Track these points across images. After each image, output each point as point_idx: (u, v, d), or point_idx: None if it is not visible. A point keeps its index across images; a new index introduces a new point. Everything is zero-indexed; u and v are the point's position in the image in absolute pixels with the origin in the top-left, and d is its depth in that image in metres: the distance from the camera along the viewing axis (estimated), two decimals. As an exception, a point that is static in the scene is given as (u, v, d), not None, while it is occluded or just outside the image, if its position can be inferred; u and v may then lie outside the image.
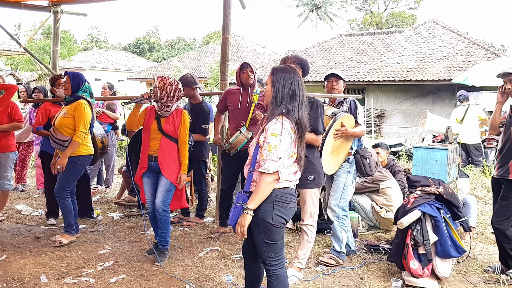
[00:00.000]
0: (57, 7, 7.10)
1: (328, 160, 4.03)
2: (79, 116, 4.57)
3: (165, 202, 4.24)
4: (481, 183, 7.57)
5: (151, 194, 4.32)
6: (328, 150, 4.00)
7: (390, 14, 42.32)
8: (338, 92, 4.37)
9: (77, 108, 4.59)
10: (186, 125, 4.28)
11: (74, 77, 4.70)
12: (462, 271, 4.13)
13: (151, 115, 4.31)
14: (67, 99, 4.71)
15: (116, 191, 7.11)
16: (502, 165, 3.97)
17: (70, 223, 4.76)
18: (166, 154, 4.21)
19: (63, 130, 4.59)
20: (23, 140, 7.14)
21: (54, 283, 3.72)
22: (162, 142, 4.22)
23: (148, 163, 4.27)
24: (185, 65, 27.36)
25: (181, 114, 4.28)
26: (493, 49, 18.08)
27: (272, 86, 2.80)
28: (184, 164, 4.26)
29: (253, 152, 2.82)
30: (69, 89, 4.67)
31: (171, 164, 4.22)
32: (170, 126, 4.22)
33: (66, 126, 4.59)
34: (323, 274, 4.02)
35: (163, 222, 4.28)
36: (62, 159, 4.55)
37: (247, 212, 2.68)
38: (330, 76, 4.40)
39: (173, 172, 4.23)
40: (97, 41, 57.06)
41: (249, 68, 4.82)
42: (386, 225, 5.31)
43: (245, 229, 2.69)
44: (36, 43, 30.35)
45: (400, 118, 18.11)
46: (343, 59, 20.25)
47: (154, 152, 4.24)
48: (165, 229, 4.31)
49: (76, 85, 4.68)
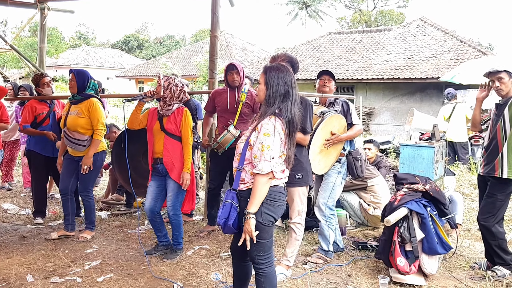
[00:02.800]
0: (44, 4, 7.04)
1: (317, 159, 4.04)
2: (94, 115, 4.61)
3: (175, 206, 4.22)
4: (467, 180, 7.64)
5: (151, 199, 4.25)
6: (316, 149, 4.01)
7: (379, 12, 42.48)
8: (329, 92, 4.37)
9: (91, 108, 4.61)
10: (188, 122, 4.22)
11: (79, 75, 4.66)
12: (449, 268, 4.17)
13: (153, 116, 4.28)
14: (76, 97, 4.67)
15: (103, 190, 7.07)
16: (488, 163, 4.01)
17: (92, 220, 4.92)
18: (170, 154, 4.15)
19: (80, 130, 4.61)
20: (10, 138, 7.06)
21: (40, 283, 3.68)
22: (166, 141, 4.18)
23: (154, 167, 4.24)
24: (174, 63, 27.21)
25: (183, 112, 4.24)
26: (480, 47, 18.20)
27: (266, 85, 2.80)
28: (187, 163, 4.17)
29: (242, 149, 2.82)
30: (75, 87, 4.63)
31: (177, 164, 4.16)
32: (172, 124, 4.19)
33: (82, 126, 4.61)
34: (311, 271, 4.03)
35: (175, 225, 4.30)
36: (87, 159, 4.59)
37: (249, 217, 2.67)
38: (323, 74, 4.40)
39: (181, 173, 4.17)
40: (85, 38, 56.54)
41: (235, 70, 4.78)
42: (374, 222, 5.34)
43: (253, 234, 2.68)
44: (23, 40, 30.03)
45: (389, 116, 18.22)
46: (332, 57, 20.30)
47: (159, 154, 4.20)
48: (176, 231, 4.33)
49: (82, 82, 4.65)
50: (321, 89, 4.38)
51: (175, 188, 4.18)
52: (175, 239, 4.36)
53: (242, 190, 2.80)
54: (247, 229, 2.67)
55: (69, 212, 4.84)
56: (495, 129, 4.00)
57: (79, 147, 4.63)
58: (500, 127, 3.95)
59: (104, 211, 5.98)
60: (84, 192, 4.80)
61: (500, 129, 3.94)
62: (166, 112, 4.21)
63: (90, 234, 4.86)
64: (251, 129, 2.84)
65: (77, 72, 4.70)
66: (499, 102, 4.06)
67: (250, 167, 2.77)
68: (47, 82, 5.25)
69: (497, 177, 3.93)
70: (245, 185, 2.79)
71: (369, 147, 5.96)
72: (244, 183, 2.80)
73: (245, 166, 2.80)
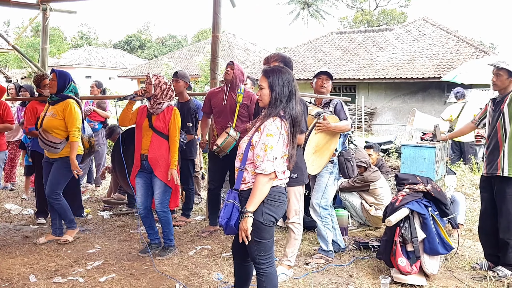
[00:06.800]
0: (46, 4, 7.05)
1: (311, 159, 4.06)
2: (69, 116, 4.51)
3: (163, 204, 4.31)
4: (469, 180, 7.63)
5: (141, 195, 4.35)
6: (311, 149, 4.03)
7: (381, 12, 42.41)
8: (326, 91, 4.39)
9: (67, 109, 4.51)
10: (176, 121, 4.31)
11: (60, 76, 4.60)
12: (450, 268, 4.18)
13: (143, 113, 4.37)
14: (53, 98, 4.59)
15: (106, 190, 7.08)
16: (490, 162, 4.00)
17: (70, 219, 4.80)
18: (156, 151, 4.24)
19: (54, 132, 4.52)
20: (12, 138, 7.08)
21: (43, 283, 3.70)
22: (153, 139, 4.26)
23: (140, 162, 4.31)
24: (176, 63, 27.21)
25: (172, 111, 4.33)
26: (482, 47, 18.18)
27: (270, 88, 2.81)
28: (173, 159, 4.27)
29: (244, 149, 2.84)
30: (54, 87, 4.56)
31: (161, 162, 4.25)
32: (161, 122, 4.27)
33: (57, 128, 4.52)
34: (312, 271, 4.04)
35: (164, 222, 4.37)
36: (73, 164, 4.46)
37: (247, 215, 2.69)
38: (321, 74, 4.41)
39: (165, 170, 4.26)
40: (87, 38, 56.61)
41: (229, 66, 4.81)
42: (375, 223, 5.35)
43: (248, 232, 2.69)
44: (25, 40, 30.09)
45: (391, 115, 18.21)
46: (334, 57, 20.30)
47: (145, 151, 4.28)
48: (166, 228, 4.39)
49: (62, 83, 4.58)
50: (319, 89, 4.39)
51: (161, 185, 4.28)
52: (166, 237, 4.42)
53: (243, 190, 2.81)
54: (243, 227, 2.69)
55: (56, 216, 4.77)
56: (494, 127, 3.99)
57: (52, 149, 4.52)
58: (500, 125, 3.94)
59: (106, 211, 6.00)
60: (51, 195, 4.58)
61: (500, 127, 3.94)
62: (155, 110, 4.28)
63: (71, 234, 4.78)
64: (253, 130, 2.85)
65: (59, 72, 4.62)
66: (496, 98, 4.07)
67: (252, 167, 2.78)
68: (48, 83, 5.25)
69: (500, 176, 3.92)
70: (247, 185, 2.80)
71: (369, 152, 5.97)
72: (246, 183, 2.81)
73: (247, 166, 2.81)
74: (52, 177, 4.60)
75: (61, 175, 4.62)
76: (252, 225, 2.74)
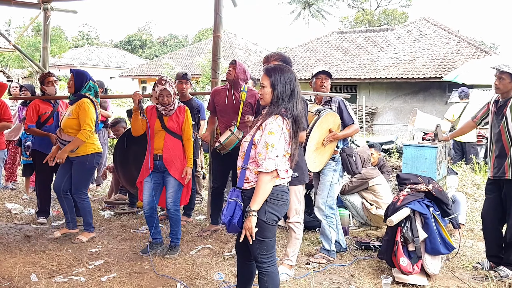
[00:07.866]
0: (47, 4, 7.06)
1: (312, 157, 4.05)
2: (82, 115, 4.54)
3: (176, 202, 4.33)
4: (470, 180, 7.61)
5: (149, 194, 4.31)
6: (312, 147, 4.02)
7: (382, 12, 42.38)
8: (326, 90, 4.40)
9: (80, 108, 4.55)
10: (189, 121, 4.35)
11: (77, 75, 4.64)
12: (452, 268, 4.17)
13: (152, 114, 4.33)
14: (71, 98, 4.67)
15: (107, 189, 7.08)
16: (498, 166, 4.00)
17: (89, 222, 4.85)
18: (170, 151, 4.24)
19: (68, 131, 4.57)
20: (13, 138, 7.08)
21: (44, 282, 3.70)
22: (167, 139, 4.26)
23: (153, 163, 4.29)
24: (177, 63, 27.24)
25: (184, 111, 4.36)
26: (483, 47, 18.18)
27: (272, 87, 2.81)
28: (189, 158, 4.32)
29: (246, 148, 2.84)
30: (72, 87, 4.62)
31: (176, 161, 4.26)
32: (174, 123, 4.27)
33: (71, 127, 4.57)
34: (314, 271, 4.04)
35: (174, 221, 4.38)
36: (62, 154, 4.51)
37: (251, 214, 2.69)
38: (320, 73, 4.41)
39: (179, 169, 4.27)
40: (88, 38, 56.66)
41: (232, 65, 4.81)
42: (376, 222, 5.35)
43: (253, 231, 2.70)
44: (26, 39, 30.12)
45: (392, 115, 18.20)
46: (335, 57, 20.29)
47: (159, 151, 4.26)
48: (176, 226, 4.41)
49: (80, 83, 4.62)
50: (319, 88, 4.40)
51: (175, 184, 4.28)
52: (174, 235, 4.42)
53: (246, 189, 2.82)
54: (248, 225, 2.69)
55: (66, 210, 4.83)
56: (498, 130, 3.99)
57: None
58: (503, 128, 3.94)
59: (107, 211, 6.00)
60: (76, 193, 4.72)
61: (504, 130, 3.93)
62: (168, 112, 4.28)
63: (87, 236, 4.80)
64: (255, 128, 2.85)
65: (77, 72, 4.68)
66: (498, 100, 4.06)
67: (255, 166, 2.78)
68: (52, 81, 5.26)
69: (509, 179, 3.91)
70: (249, 184, 2.80)
71: (371, 152, 5.96)
72: (248, 182, 2.81)
73: (250, 164, 2.81)
74: (75, 177, 4.69)
75: (83, 172, 4.71)
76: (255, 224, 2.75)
